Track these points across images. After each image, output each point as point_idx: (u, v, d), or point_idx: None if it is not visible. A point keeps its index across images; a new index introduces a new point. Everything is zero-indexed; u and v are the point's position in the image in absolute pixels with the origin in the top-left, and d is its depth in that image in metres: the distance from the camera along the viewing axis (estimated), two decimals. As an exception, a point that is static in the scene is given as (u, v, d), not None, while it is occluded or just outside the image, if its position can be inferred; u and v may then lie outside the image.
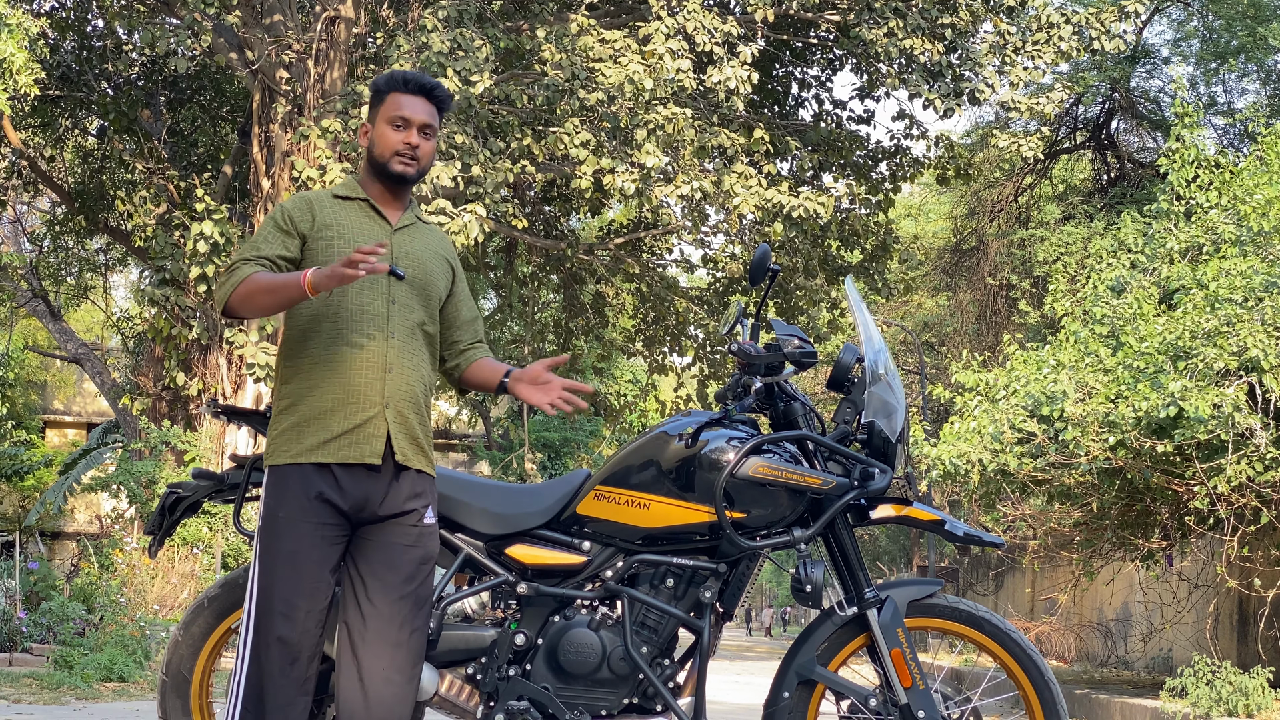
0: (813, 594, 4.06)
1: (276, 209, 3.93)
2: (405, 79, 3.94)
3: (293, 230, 3.86)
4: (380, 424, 3.77)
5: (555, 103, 12.94)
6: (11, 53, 11.29)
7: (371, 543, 3.80)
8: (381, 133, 3.91)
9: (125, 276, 30.69)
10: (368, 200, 3.95)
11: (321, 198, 3.94)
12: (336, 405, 3.75)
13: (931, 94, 13.75)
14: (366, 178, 3.99)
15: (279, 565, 3.71)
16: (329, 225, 3.86)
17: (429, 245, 4.04)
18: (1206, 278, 9.48)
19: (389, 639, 3.75)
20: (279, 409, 3.84)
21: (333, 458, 3.72)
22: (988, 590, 25.12)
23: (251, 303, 3.76)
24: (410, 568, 3.81)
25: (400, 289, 3.87)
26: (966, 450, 10.06)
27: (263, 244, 3.84)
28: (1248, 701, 8.43)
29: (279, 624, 3.70)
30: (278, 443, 3.79)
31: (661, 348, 18.67)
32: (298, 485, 3.72)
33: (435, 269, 4.01)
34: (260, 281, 3.73)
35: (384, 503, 3.79)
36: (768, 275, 4.25)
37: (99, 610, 10.96)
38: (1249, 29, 20.63)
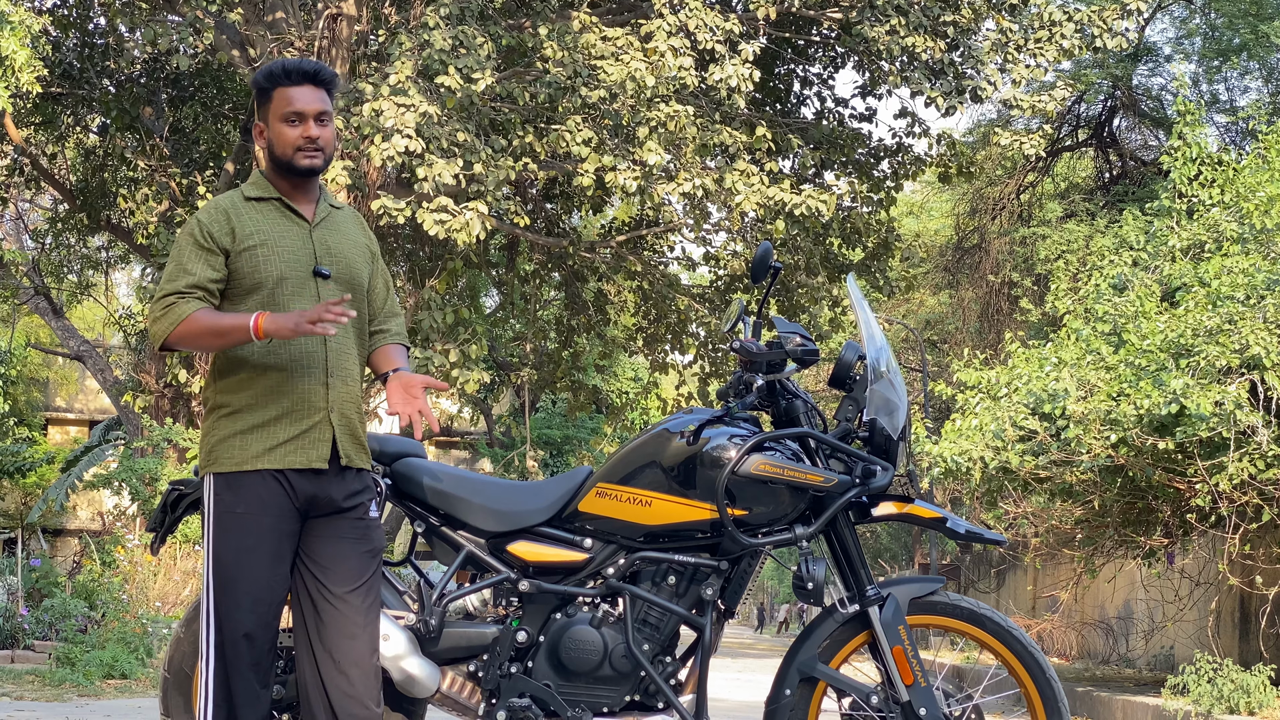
0: (814, 591, 4.06)
1: (192, 224, 3.83)
2: (286, 70, 3.86)
3: (215, 247, 3.78)
4: (325, 429, 3.79)
5: (557, 100, 12.94)
6: (13, 50, 11.29)
7: (321, 538, 3.82)
8: (278, 131, 3.83)
9: (127, 274, 30.71)
10: (280, 199, 3.89)
11: (235, 204, 3.86)
12: (282, 414, 3.76)
13: (933, 92, 13.74)
14: (274, 176, 3.90)
15: (239, 561, 3.73)
16: (250, 235, 3.79)
17: (348, 235, 3.99)
18: (1208, 275, 9.48)
19: (345, 632, 3.78)
20: (218, 416, 3.81)
21: (280, 463, 3.74)
22: (989, 588, 25.12)
23: (193, 342, 3.74)
24: (362, 562, 3.84)
25: (329, 290, 3.85)
26: (968, 448, 10.06)
27: (191, 266, 3.76)
28: (1249, 699, 8.43)
29: (245, 619, 3.73)
30: (220, 450, 3.78)
31: (663, 345, 18.66)
32: (251, 485, 3.74)
33: (358, 260, 3.97)
34: (203, 323, 3.70)
35: (330, 499, 3.81)
36: (769, 273, 4.25)
37: (101, 607, 10.97)
38: (1251, 27, 20.61)
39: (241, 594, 3.73)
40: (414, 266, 16.79)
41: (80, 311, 31.33)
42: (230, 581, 3.73)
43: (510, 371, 21.79)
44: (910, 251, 22.07)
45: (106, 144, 17.66)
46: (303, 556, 3.82)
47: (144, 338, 17.69)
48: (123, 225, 17.85)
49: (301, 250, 3.84)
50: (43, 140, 18.75)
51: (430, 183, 11.89)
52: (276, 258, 3.79)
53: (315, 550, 3.82)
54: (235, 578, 3.73)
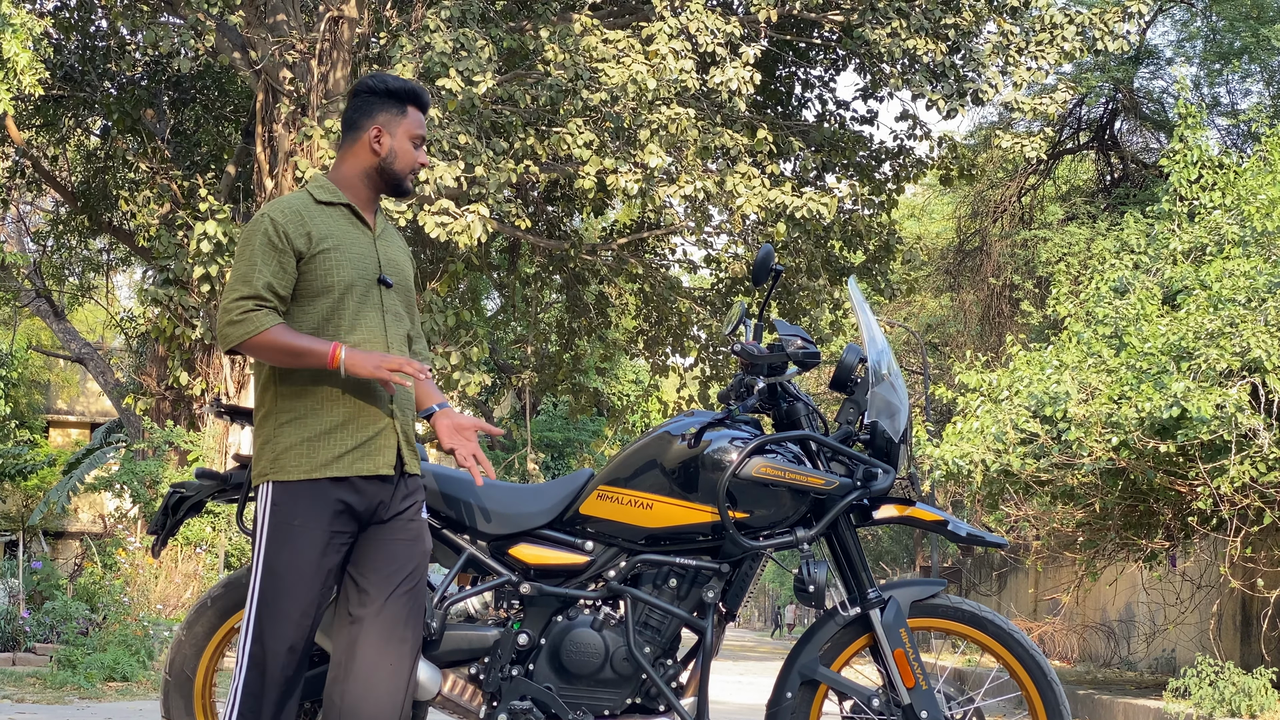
0: (815, 594, 4.06)
1: (266, 222, 3.77)
2: (421, 96, 3.91)
3: (289, 249, 3.74)
4: (391, 435, 3.81)
5: (558, 103, 12.94)
6: (15, 53, 11.29)
7: (374, 541, 3.82)
8: (405, 148, 3.88)
9: (128, 276, 30.73)
10: (349, 205, 3.89)
11: (308, 206, 3.83)
12: (348, 419, 3.75)
13: (935, 94, 13.74)
14: (358, 181, 3.90)
15: (290, 575, 3.70)
16: (324, 238, 3.78)
17: (401, 247, 4.05)
18: (1210, 278, 9.48)
19: (392, 635, 3.78)
20: (278, 422, 3.77)
21: (349, 470, 3.73)
22: (991, 591, 25.12)
23: (265, 355, 3.71)
24: (411, 563, 3.84)
25: (390, 299, 3.88)
26: (969, 450, 10.06)
27: (264, 268, 3.71)
28: (1251, 702, 8.43)
29: (289, 632, 3.71)
30: (286, 458, 3.73)
31: (664, 348, 18.67)
32: (313, 498, 3.71)
33: (408, 271, 4.03)
34: (281, 342, 3.67)
35: (391, 505, 3.82)
36: (771, 276, 4.25)
37: (102, 610, 10.96)
38: (1252, 30, 20.60)
39: (290, 607, 3.70)
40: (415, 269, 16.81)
41: (81, 314, 31.32)
42: (279, 595, 3.71)
43: (511, 374, 21.79)
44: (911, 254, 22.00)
45: (108, 146, 17.67)
46: (353, 559, 3.82)
47: (145, 340, 17.70)
48: (124, 227, 17.87)
49: (368, 258, 3.85)
50: (44, 142, 18.77)
51: (431, 185, 11.90)
52: (347, 263, 3.79)
53: (366, 554, 3.82)
54: (284, 591, 3.71)
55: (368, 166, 3.89)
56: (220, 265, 13.55)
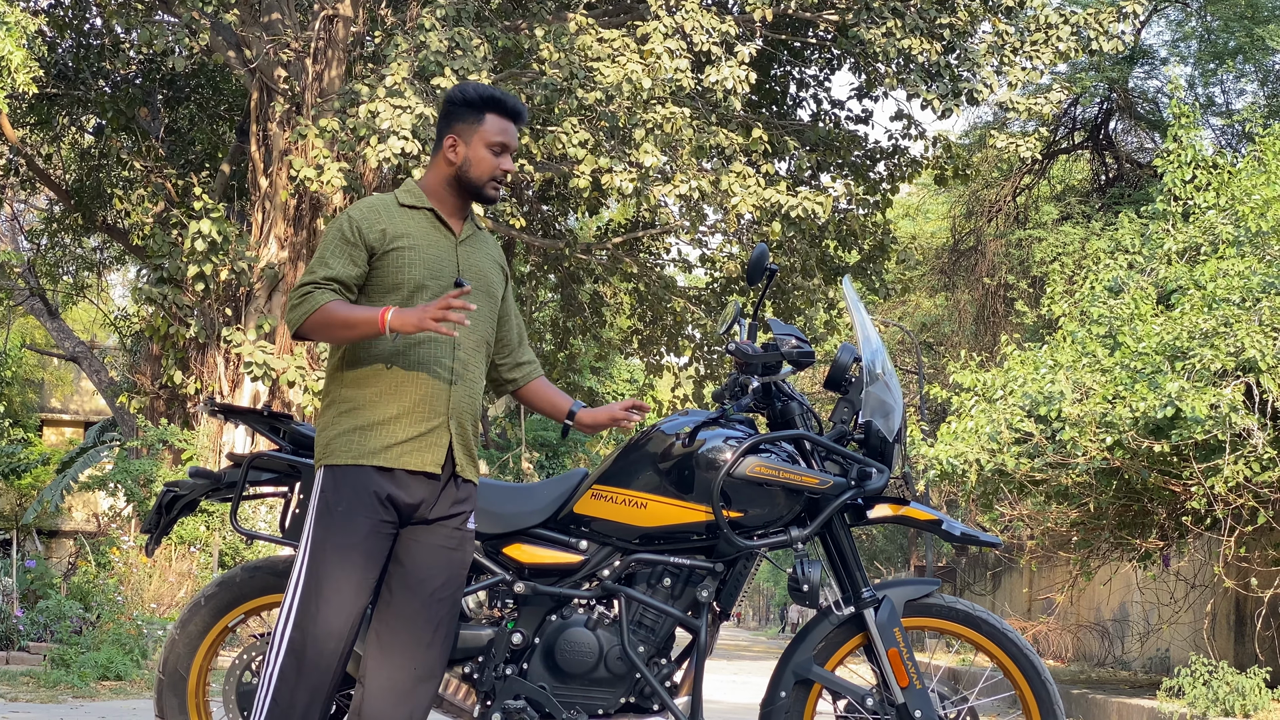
0: (810, 593, 4.06)
1: (343, 219, 3.89)
2: (504, 103, 3.94)
3: (360, 243, 3.83)
4: (444, 434, 3.83)
5: (553, 102, 12.94)
6: (9, 51, 11.28)
7: (415, 544, 3.84)
8: (481, 156, 3.91)
9: (123, 275, 30.70)
10: (433, 210, 3.94)
11: (388, 206, 3.92)
12: (402, 413, 3.79)
13: (930, 94, 13.75)
14: (441, 189, 3.96)
15: (333, 557, 3.74)
16: (399, 237, 3.85)
17: (489, 255, 4.08)
18: (1204, 278, 9.49)
19: (421, 639, 3.81)
20: (338, 411, 3.84)
21: (396, 463, 3.76)
22: (985, 590, 25.14)
23: (325, 333, 3.78)
24: (449, 570, 3.87)
25: (465, 301, 3.89)
26: (964, 450, 10.06)
27: (332, 260, 3.82)
28: (1244, 701, 8.44)
29: (330, 615, 3.72)
30: (338, 443, 3.80)
31: (659, 347, 18.67)
32: (358, 483, 3.76)
33: (495, 280, 4.06)
34: (336, 315, 3.74)
35: (436, 506, 3.84)
36: (765, 275, 4.25)
37: (96, 609, 10.95)
38: (1246, 30, 20.63)
39: (330, 592, 3.73)
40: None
41: (75, 312, 31.26)
42: (321, 579, 3.74)
43: (506, 373, 21.74)
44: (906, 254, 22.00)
45: (102, 144, 17.65)
46: (394, 559, 3.83)
47: (139, 339, 17.67)
48: (118, 226, 17.84)
49: (446, 260, 3.89)
50: (38, 140, 18.74)
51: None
52: (421, 263, 3.84)
53: (407, 555, 3.83)
54: (327, 576, 3.74)
55: (447, 175, 3.95)
56: (214, 264, 13.54)
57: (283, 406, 13.97)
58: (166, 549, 12.15)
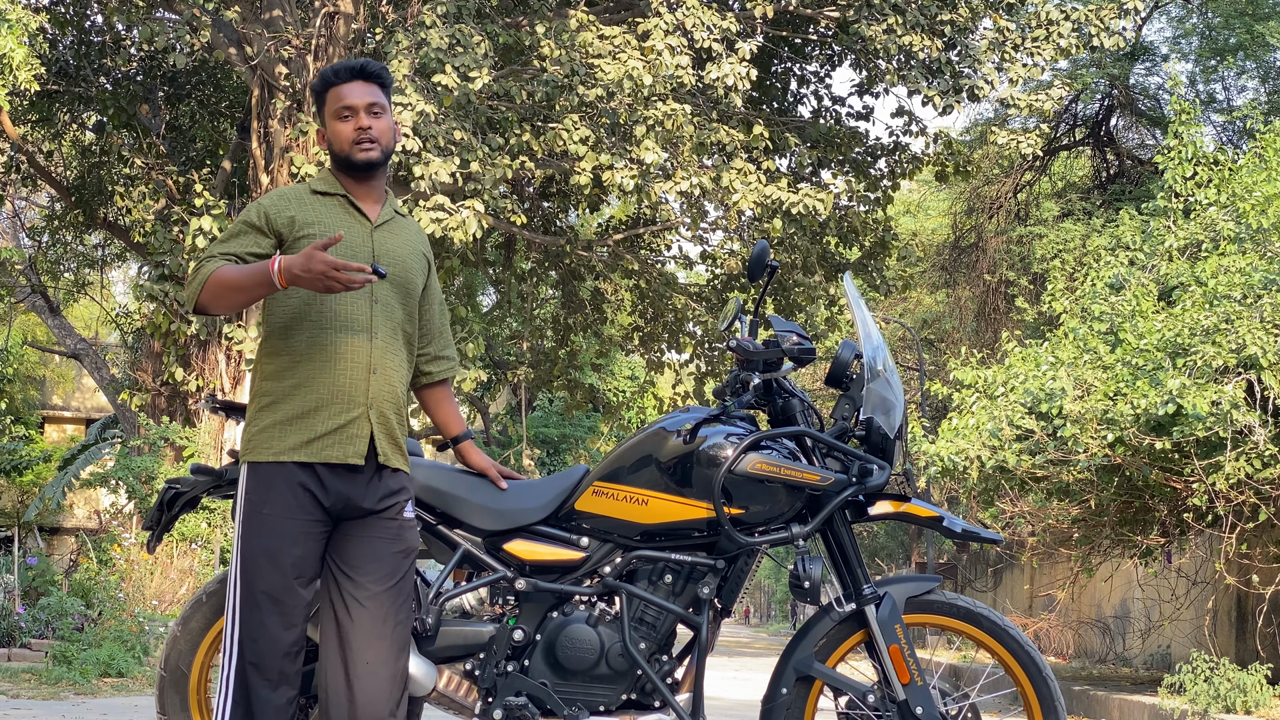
0: (811, 590, 4.06)
1: (252, 206, 3.88)
2: (334, 70, 3.92)
3: (267, 229, 3.82)
4: (364, 424, 3.79)
5: (554, 99, 12.93)
6: (11, 48, 11.28)
7: (354, 538, 3.81)
8: (333, 129, 3.88)
9: (124, 272, 30.67)
10: (346, 196, 3.92)
11: (300, 194, 3.90)
12: (321, 405, 3.76)
13: (930, 90, 13.74)
14: (339, 173, 3.95)
15: (263, 560, 3.72)
16: (309, 224, 3.82)
17: (408, 241, 4.03)
18: (1205, 275, 9.50)
19: (374, 633, 3.77)
20: (259, 405, 3.82)
21: (316, 457, 3.74)
22: (986, 587, 25.15)
23: (222, 299, 3.73)
24: (393, 562, 3.83)
25: (382, 288, 3.87)
26: (965, 447, 10.07)
27: (231, 241, 3.82)
28: (1245, 698, 8.44)
29: (267, 619, 3.72)
30: (259, 439, 3.78)
31: (660, 344, 18.66)
32: (281, 482, 3.73)
33: (414, 266, 4.01)
34: (227, 276, 3.70)
35: (365, 500, 3.81)
36: (766, 272, 4.25)
37: (98, 605, 10.96)
38: (1247, 26, 20.62)
39: (263, 594, 3.72)
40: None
41: (77, 310, 31.29)
42: (253, 582, 3.73)
43: (507, 370, 21.78)
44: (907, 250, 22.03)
45: (103, 141, 17.64)
46: (333, 557, 3.82)
47: (140, 336, 17.67)
48: (119, 223, 17.84)
49: (360, 247, 3.86)
50: (39, 138, 18.74)
51: (427, 181, 11.89)
52: (333, 250, 3.79)
53: (347, 551, 3.81)
54: (259, 578, 3.73)
55: (333, 161, 3.96)
56: (216, 261, 13.51)
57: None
58: (168, 546, 12.16)
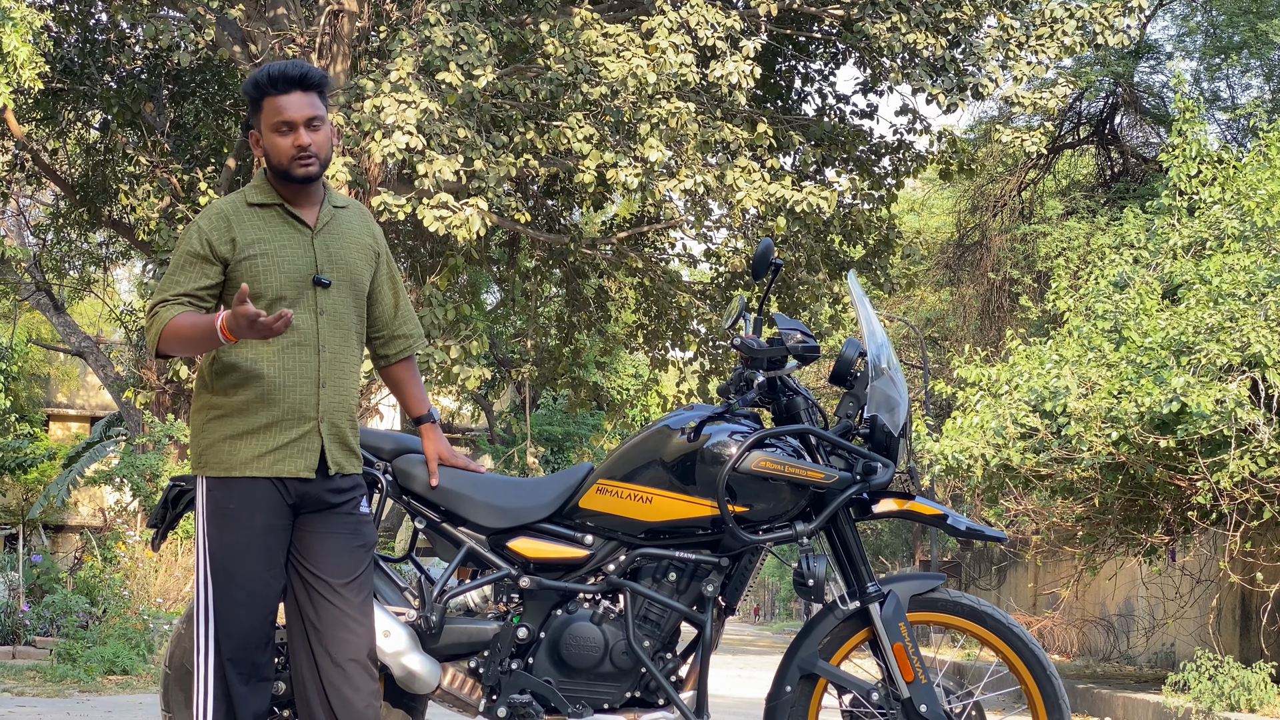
0: (815, 588, 4.06)
1: (193, 230, 3.81)
2: (271, 78, 3.80)
3: (212, 256, 3.78)
4: (315, 438, 3.81)
5: (558, 97, 12.92)
6: (15, 46, 11.28)
7: (313, 533, 3.84)
8: (271, 142, 3.80)
9: (128, 270, 30.67)
10: (282, 205, 3.86)
11: (237, 209, 3.84)
12: (272, 421, 3.77)
13: (935, 88, 13.73)
14: (275, 181, 3.88)
15: (233, 557, 3.75)
16: (250, 244, 3.78)
17: (352, 238, 3.97)
18: (1209, 273, 9.49)
19: (341, 625, 3.80)
20: (209, 417, 3.82)
21: (268, 471, 3.76)
22: (990, 585, 25.13)
23: (181, 348, 3.76)
24: (353, 555, 3.86)
25: (327, 298, 3.84)
26: (969, 445, 10.07)
27: (181, 276, 3.78)
28: (1250, 696, 8.44)
29: (240, 614, 3.75)
30: (211, 454, 3.79)
31: (664, 342, 18.64)
32: (242, 487, 3.76)
33: (360, 265, 3.96)
34: (181, 329, 3.70)
35: (322, 497, 3.84)
36: (770, 270, 4.25)
37: (102, 603, 10.97)
38: (1250, 24, 20.61)
39: (236, 589, 3.75)
40: (415, 263, 16.80)
41: (81, 307, 31.32)
42: (224, 578, 3.76)
43: (511, 368, 21.79)
44: (911, 249, 22.00)
45: (108, 140, 17.65)
46: (295, 552, 3.84)
47: (145, 334, 17.71)
48: (124, 221, 17.85)
49: (302, 259, 3.82)
50: (44, 136, 18.74)
51: (431, 179, 11.89)
52: (276, 269, 3.78)
53: (307, 546, 3.84)
54: (229, 574, 3.76)
55: (268, 168, 3.89)
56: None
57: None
58: (172, 543, 12.17)
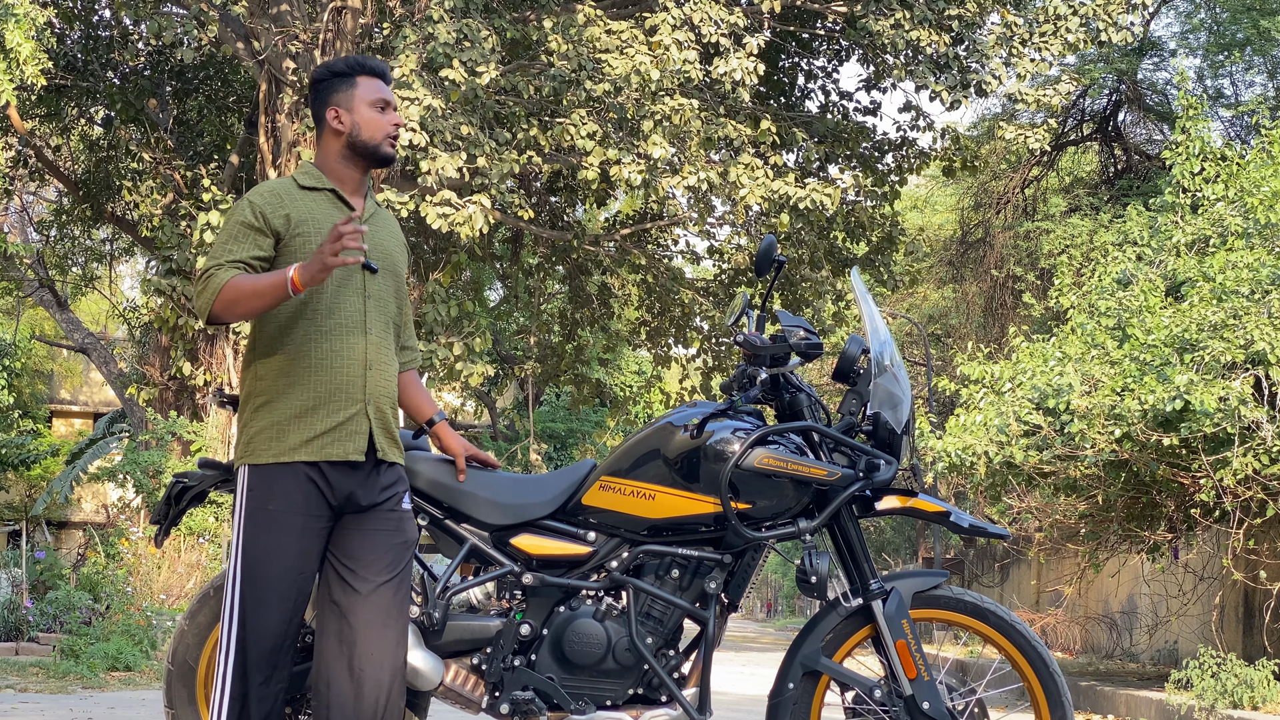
0: (818, 585, 4.06)
1: (244, 204, 3.82)
2: (370, 63, 3.92)
3: (265, 228, 3.77)
4: (363, 421, 3.80)
5: (562, 93, 12.92)
6: (19, 43, 11.29)
7: (354, 531, 3.82)
8: (368, 117, 3.86)
9: (132, 266, 30.71)
10: (334, 190, 3.90)
11: (289, 189, 3.86)
12: (319, 403, 3.76)
13: (938, 85, 13.72)
14: (337, 165, 3.91)
15: (267, 558, 3.73)
16: (303, 222, 3.80)
17: (393, 233, 4.04)
18: (1213, 270, 9.48)
19: (377, 624, 3.78)
20: (254, 406, 3.81)
21: (317, 455, 3.74)
22: (993, 582, 25.13)
23: (236, 309, 3.70)
24: (393, 554, 3.84)
25: (374, 283, 3.87)
26: (972, 442, 10.06)
27: (234, 245, 3.76)
28: (1253, 694, 8.44)
29: (269, 615, 3.73)
30: (258, 441, 3.78)
31: (667, 339, 18.65)
32: (286, 481, 3.74)
33: (399, 258, 4.02)
34: (243, 287, 3.67)
35: (365, 494, 3.82)
36: (773, 266, 4.25)
37: (105, 599, 10.98)
38: (1253, 21, 20.59)
39: (268, 590, 3.73)
40: (418, 260, 16.80)
41: (85, 304, 31.35)
42: (257, 578, 3.74)
43: (514, 365, 21.80)
44: (914, 245, 22.00)
45: (111, 136, 17.67)
46: (333, 552, 3.82)
47: (148, 330, 17.70)
48: (127, 218, 17.87)
49: None
50: (47, 132, 18.77)
51: (434, 176, 11.89)
52: None
53: (347, 544, 3.82)
54: (262, 574, 3.74)
55: (339, 148, 3.90)
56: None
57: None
58: (175, 540, 12.18)
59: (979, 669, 12.37)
